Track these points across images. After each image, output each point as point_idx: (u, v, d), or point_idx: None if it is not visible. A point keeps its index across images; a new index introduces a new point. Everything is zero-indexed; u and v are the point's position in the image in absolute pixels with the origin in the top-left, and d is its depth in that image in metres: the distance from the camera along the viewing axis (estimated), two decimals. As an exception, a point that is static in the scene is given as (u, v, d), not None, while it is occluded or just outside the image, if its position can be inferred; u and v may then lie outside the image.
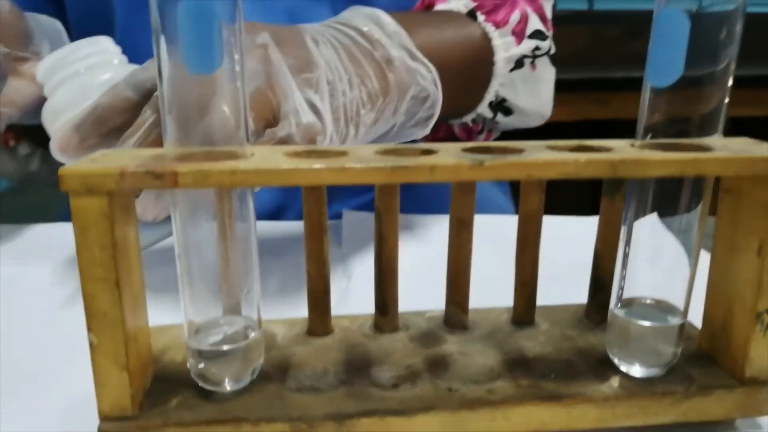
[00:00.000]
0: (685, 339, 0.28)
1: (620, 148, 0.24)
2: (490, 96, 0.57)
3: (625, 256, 0.26)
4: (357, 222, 0.53)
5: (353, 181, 0.22)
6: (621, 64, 1.43)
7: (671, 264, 0.26)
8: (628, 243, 0.26)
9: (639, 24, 0.75)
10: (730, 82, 0.24)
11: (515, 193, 0.77)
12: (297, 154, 0.24)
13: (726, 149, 0.24)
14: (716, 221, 0.27)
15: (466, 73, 0.54)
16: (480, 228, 0.29)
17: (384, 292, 0.29)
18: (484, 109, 0.57)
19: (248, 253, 0.25)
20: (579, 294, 0.31)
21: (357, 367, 0.27)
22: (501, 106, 0.58)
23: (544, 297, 0.31)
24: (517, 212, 0.67)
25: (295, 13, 0.59)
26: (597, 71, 1.48)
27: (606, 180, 0.28)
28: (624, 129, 0.40)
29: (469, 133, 0.61)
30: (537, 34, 0.56)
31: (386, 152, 0.24)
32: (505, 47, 0.55)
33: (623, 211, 0.26)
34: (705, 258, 0.27)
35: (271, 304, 0.38)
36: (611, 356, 0.27)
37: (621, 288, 0.26)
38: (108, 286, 0.22)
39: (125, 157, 0.23)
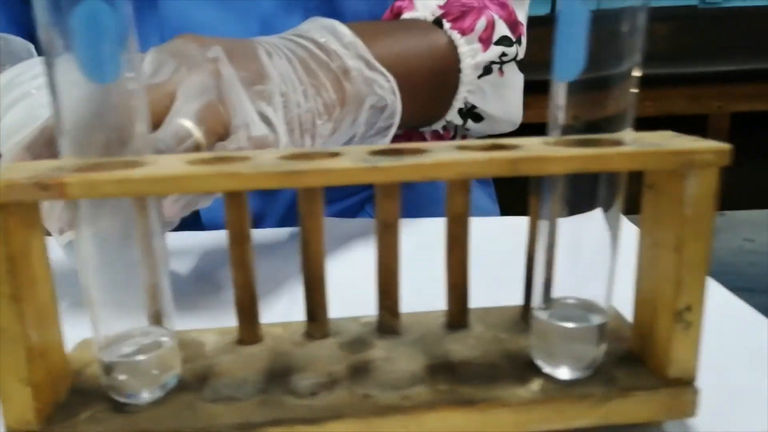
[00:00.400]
0: (618, 340, 0.28)
1: (527, 146, 0.24)
2: (458, 103, 0.56)
3: (548, 255, 0.26)
4: (326, 229, 0.52)
5: (246, 187, 0.22)
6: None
7: (595, 263, 0.25)
8: (547, 242, 0.25)
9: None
10: (638, 74, 0.24)
11: (501, 196, 0.76)
12: (200, 161, 0.24)
13: (638, 143, 0.24)
14: (641, 218, 0.26)
15: (433, 80, 0.54)
16: (440, 231, 0.29)
17: (311, 298, 0.29)
18: (453, 116, 0.57)
19: (159, 264, 0.25)
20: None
21: (278, 376, 0.26)
22: (471, 112, 0.57)
23: (492, 299, 0.30)
24: (502, 214, 0.66)
25: (269, 21, 0.59)
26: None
27: (531, 179, 0.28)
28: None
29: (440, 141, 0.61)
30: (504, 40, 0.56)
31: (291, 157, 0.24)
32: (471, 54, 0.55)
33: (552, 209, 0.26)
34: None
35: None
36: (535, 359, 0.26)
37: (543, 288, 0.26)
38: (5, 301, 0.22)
39: (25, 169, 0.23)
